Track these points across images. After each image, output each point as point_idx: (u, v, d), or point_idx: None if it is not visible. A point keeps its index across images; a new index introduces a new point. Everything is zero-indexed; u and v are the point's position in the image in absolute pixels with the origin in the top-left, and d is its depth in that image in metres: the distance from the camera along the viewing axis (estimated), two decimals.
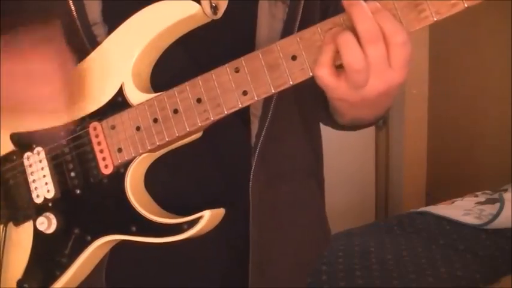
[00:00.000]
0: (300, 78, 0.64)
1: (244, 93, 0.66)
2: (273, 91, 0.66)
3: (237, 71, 0.66)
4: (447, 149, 2.78)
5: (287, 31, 0.76)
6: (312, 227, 0.93)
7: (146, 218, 0.72)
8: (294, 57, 0.64)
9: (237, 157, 0.81)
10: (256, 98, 0.66)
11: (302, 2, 0.77)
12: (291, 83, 0.65)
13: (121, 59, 0.72)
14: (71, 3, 0.73)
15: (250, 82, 0.66)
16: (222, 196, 0.81)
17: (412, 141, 2.79)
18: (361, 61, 0.59)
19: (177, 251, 0.75)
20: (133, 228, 0.73)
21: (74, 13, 0.73)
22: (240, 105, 0.67)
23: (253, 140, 0.79)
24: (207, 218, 0.70)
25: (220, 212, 0.73)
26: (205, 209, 0.71)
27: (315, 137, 0.93)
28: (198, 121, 0.69)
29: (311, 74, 0.64)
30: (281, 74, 0.65)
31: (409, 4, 0.60)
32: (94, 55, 0.74)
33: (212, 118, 0.68)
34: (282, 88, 0.65)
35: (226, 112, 0.68)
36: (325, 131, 0.97)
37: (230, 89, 0.67)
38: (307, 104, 0.84)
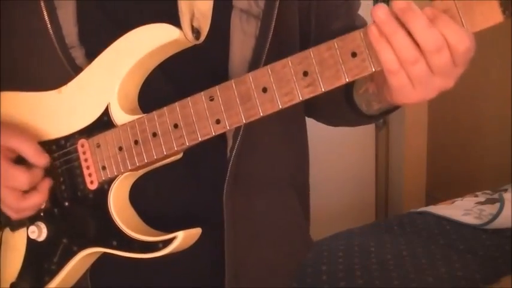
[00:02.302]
0: (269, 110, 0.66)
1: (217, 121, 0.68)
2: (244, 121, 0.67)
3: (211, 99, 0.68)
4: (447, 149, 2.78)
5: (259, 47, 0.77)
6: (289, 237, 0.93)
7: (125, 234, 0.75)
8: (264, 89, 0.65)
9: (213, 171, 0.82)
10: (228, 127, 0.68)
11: (274, 17, 0.77)
12: (261, 114, 0.66)
13: (108, 80, 0.75)
14: (49, 27, 0.75)
15: (223, 111, 0.68)
16: (199, 210, 0.82)
17: (412, 141, 2.79)
18: (426, 71, 0.59)
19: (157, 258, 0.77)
20: (114, 243, 0.76)
21: (52, 36, 0.76)
22: (213, 133, 0.69)
23: (228, 154, 0.80)
24: (180, 239, 0.73)
25: (196, 231, 0.75)
26: (182, 225, 0.74)
27: (296, 144, 0.93)
28: (175, 146, 0.71)
29: (280, 106, 0.65)
30: (252, 106, 0.66)
31: (469, 3, 0.57)
32: (84, 74, 0.77)
33: (187, 144, 0.70)
34: (252, 119, 0.67)
35: (200, 139, 0.69)
36: (326, 131, 0.96)
37: (204, 116, 0.68)
38: (289, 113, 0.85)
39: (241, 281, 0.84)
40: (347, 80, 0.62)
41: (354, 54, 0.61)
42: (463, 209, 2.09)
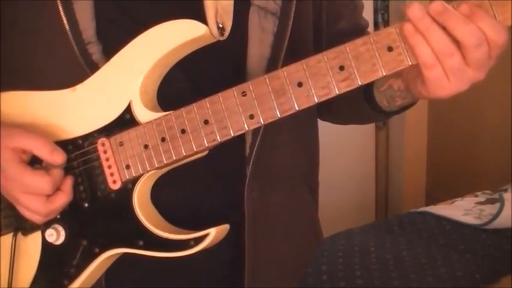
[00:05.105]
0: (305, 105, 0.66)
1: (251, 117, 0.67)
2: (279, 116, 0.67)
3: (244, 94, 0.67)
4: (447, 149, 2.79)
5: (277, 44, 0.77)
6: (304, 232, 0.94)
7: (153, 233, 0.73)
8: (300, 84, 0.65)
9: (232, 168, 0.81)
10: (262, 122, 0.67)
11: (292, 14, 0.77)
12: (297, 108, 0.66)
13: (129, 77, 0.73)
14: (65, 22, 0.74)
15: (256, 106, 0.67)
16: (219, 207, 0.82)
17: (412, 141, 2.79)
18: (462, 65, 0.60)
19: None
20: (141, 243, 0.74)
21: (68, 32, 0.74)
22: (247, 128, 0.68)
23: (247, 150, 0.79)
24: (213, 235, 0.71)
25: (225, 227, 0.74)
26: (205, 222, 0.73)
27: (310, 143, 0.93)
28: (205, 142, 0.70)
29: (316, 100, 0.65)
30: (287, 100, 0.66)
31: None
32: (102, 71, 0.75)
33: (219, 140, 0.69)
34: (287, 113, 0.66)
35: (233, 134, 0.69)
36: (326, 131, 0.96)
37: (237, 112, 0.68)
38: (304, 111, 0.87)
39: (258, 278, 0.84)
40: (384, 73, 0.63)
41: (390, 49, 0.62)
42: (463, 209, 2.09)
